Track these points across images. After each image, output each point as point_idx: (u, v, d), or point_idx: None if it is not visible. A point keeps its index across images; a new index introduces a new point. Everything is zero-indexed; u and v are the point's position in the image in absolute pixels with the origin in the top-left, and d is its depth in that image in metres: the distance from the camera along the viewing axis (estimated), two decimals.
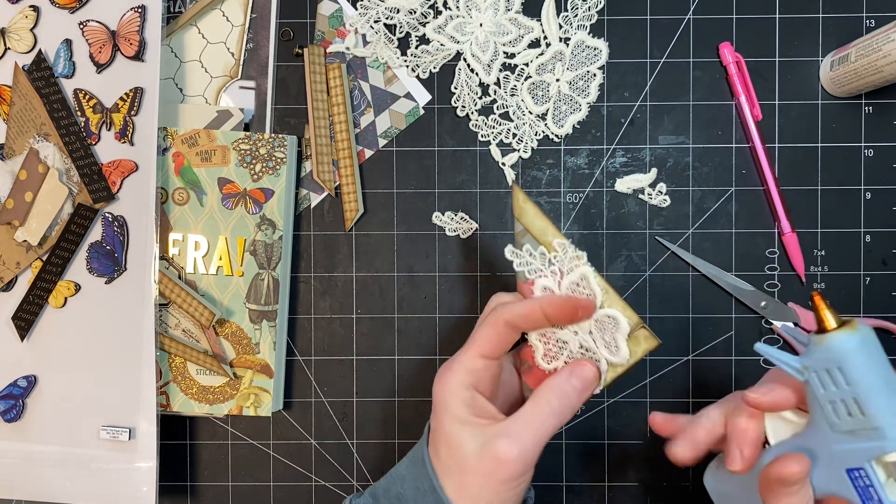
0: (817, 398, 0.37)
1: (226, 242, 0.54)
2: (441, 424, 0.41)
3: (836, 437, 0.36)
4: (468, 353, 0.42)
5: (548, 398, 0.40)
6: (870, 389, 0.34)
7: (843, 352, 0.35)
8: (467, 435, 0.40)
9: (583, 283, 0.43)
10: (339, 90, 0.55)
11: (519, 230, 0.44)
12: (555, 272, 0.43)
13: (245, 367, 0.54)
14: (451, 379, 0.41)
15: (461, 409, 0.40)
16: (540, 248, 0.44)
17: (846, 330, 0.36)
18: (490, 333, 0.41)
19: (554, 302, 0.41)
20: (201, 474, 0.57)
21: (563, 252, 0.43)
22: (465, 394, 0.41)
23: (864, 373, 0.35)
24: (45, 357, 0.54)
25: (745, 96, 0.54)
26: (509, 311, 0.41)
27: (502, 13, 0.54)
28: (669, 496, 0.56)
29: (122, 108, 0.53)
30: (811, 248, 0.55)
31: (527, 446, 0.39)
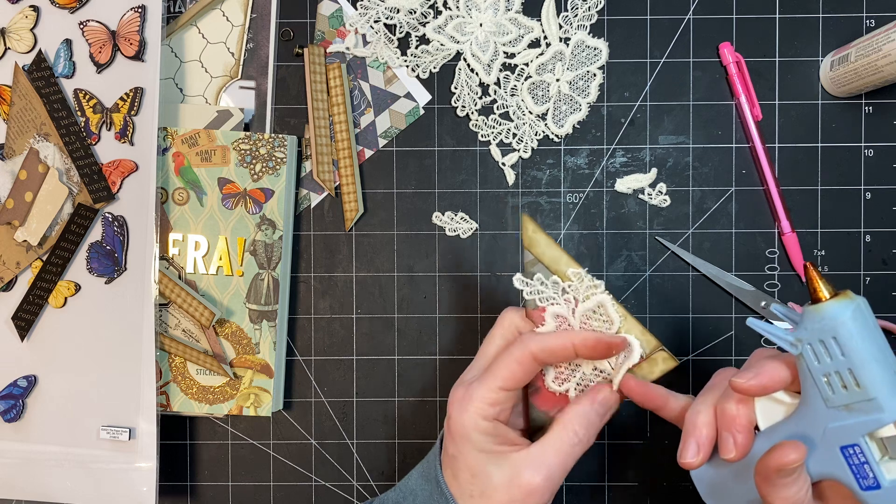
0: (811, 372, 0.36)
1: (226, 242, 0.54)
2: (463, 453, 0.41)
3: (830, 413, 0.35)
4: (490, 383, 0.41)
5: (574, 428, 0.40)
6: (866, 359, 0.34)
7: (839, 321, 0.34)
8: (493, 465, 0.40)
9: (599, 310, 0.42)
10: (339, 90, 0.55)
11: (529, 259, 0.44)
12: (568, 300, 0.43)
13: (245, 367, 0.54)
14: (473, 409, 0.40)
15: (485, 440, 0.40)
16: (553, 276, 0.43)
17: (841, 299, 0.35)
18: (515, 367, 0.40)
19: (588, 342, 0.40)
20: (201, 474, 0.57)
21: (578, 281, 0.43)
22: (488, 425, 0.40)
23: (859, 342, 0.34)
24: (45, 357, 0.54)
25: (745, 96, 0.54)
26: (538, 345, 0.40)
27: (502, 13, 0.54)
28: (669, 496, 0.56)
29: (122, 108, 0.53)
30: (811, 248, 0.55)
31: (554, 475, 0.39)
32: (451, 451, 0.42)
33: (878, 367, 0.34)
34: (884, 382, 0.33)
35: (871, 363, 0.34)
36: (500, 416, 0.41)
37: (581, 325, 0.43)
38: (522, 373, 0.40)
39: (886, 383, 0.33)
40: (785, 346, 0.36)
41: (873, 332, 0.34)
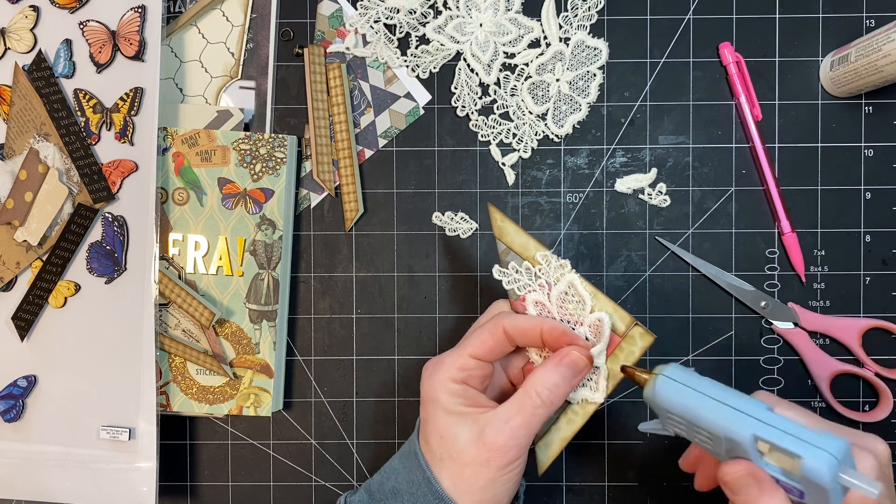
0: (691, 440, 0.39)
1: (226, 242, 0.54)
2: (432, 417, 0.42)
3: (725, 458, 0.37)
4: (460, 350, 0.42)
5: (536, 389, 0.41)
6: (696, 415, 0.37)
7: (656, 401, 0.38)
8: (460, 425, 0.41)
9: (571, 291, 0.43)
10: (339, 90, 0.55)
11: (502, 249, 0.45)
12: (542, 285, 0.44)
13: (245, 367, 0.54)
14: (441, 373, 0.42)
15: (451, 400, 0.41)
16: (525, 263, 0.44)
17: (648, 380, 0.39)
18: (486, 336, 0.42)
19: (555, 331, 0.42)
20: (201, 474, 0.57)
21: (546, 263, 0.44)
22: (456, 387, 0.41)
23: (680, 406, 0.37)
24: (45, 357, 0.54)
25: (745, 96, 0.54)
26: (510, 320, 0.42)
27: (502, 13, 0.54)
28: (669, 496, 0.56)
29: (122, 108, 0.53)
30: (811, 248, 0.55)
31: (517, 433, 0.40)
32: (423, 416, 0.43)
33: (708, 414, 0.36)
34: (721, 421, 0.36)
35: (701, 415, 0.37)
36: (469, 381, 0.42)
37: (559, 309, 0.44)
38: (493, 343, 0.42)
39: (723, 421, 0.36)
40: (662, 433, 0.41)
41: (687, 389, 0.37)
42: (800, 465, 0.34)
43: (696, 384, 0.37)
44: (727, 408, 0.36)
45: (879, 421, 0.54)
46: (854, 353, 0.54)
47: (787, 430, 0.35)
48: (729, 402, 0.36)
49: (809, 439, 0.34)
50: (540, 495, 0.56)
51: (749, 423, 0.35)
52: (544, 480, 0.56)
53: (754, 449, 0.35)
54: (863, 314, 0.55)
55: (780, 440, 0.34)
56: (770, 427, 0.35)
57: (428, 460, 0.42)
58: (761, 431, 0.35)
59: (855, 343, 0.54)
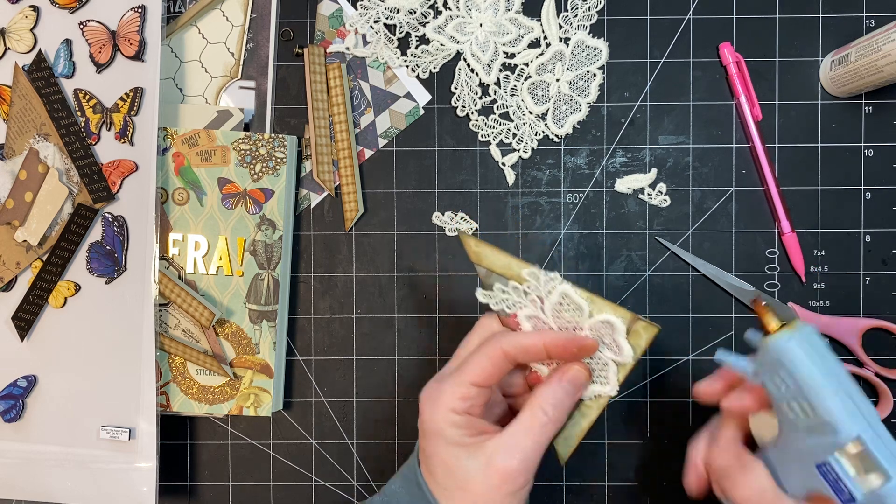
0: (775, 400, 0.38)
1: (226, 242, 0.54)
2: (436, 450, 0.40)
3: (800, 435, 0.37)
4: (460, 378, 0.40)
5: (543, 407, 0.40)
6: (813, 387, 0.35)
7: (783, 353, 0.36)
8: (466, 456, 0.40)
9: (566, 301, 0.42)
10: (339, 90, 0.55)
11: (483, 273, 0.44)
12: (534, 300, 0.43)
13: (245, 367, 0.54)
14: (443, 404, 0.40)
15: (457, 433, 0.40)
16: (511, 282, 0.43)
17: (784, 331, 0.37)
18: (485, 363, 0.40)
19: (558, 341, 0.41)
20: (201, 474, 0.57)
21: (534, 280, 0.43)
22: (458, 418, 0.40)
23: (804, 371, 0.36)
24: (45, 357, 0.54)
25: (745, 96, 0.54)
26: (510, 342, 0.41)
27: (502, 13, 0.54)
28: (669, 496, 0.56)
29: (122, 108, 0.53)
30: (811, 248, 0.55)
31: (528, 455, 0.39)
32: (425, 449, 0.42)
33: (827, 393, 0.35)
34: (835, 407, 0.35)
35: (819, 389, 0.35)
36: (472, 410, 0.41)
37: (555, 319, 0.43)
38: (493, 369, 0.40)
39: (837, 408, 0.35)
40: (748, 377, 0.39)
41: (821, 358, 0.36)
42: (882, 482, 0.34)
43: (829, 358, 0.36)
44: (850, 399, 0.35)
45: None
46: (854, 353, 0.54)
47: (889, 447, 0.35)
48: (851, 393, 0.36)
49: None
50: (540, 495, 0.56)
51: (860, 421, 0.35)
52: (544, 480, 0.56)
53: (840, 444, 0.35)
54: (863, 314, 0.55)
55: (881, 455, 0.34)
56: (878, 438, 0.35)
57: (434, 492, 0.41)
58: (867, 435, 0.35)
59: (855, 343, 0.54)
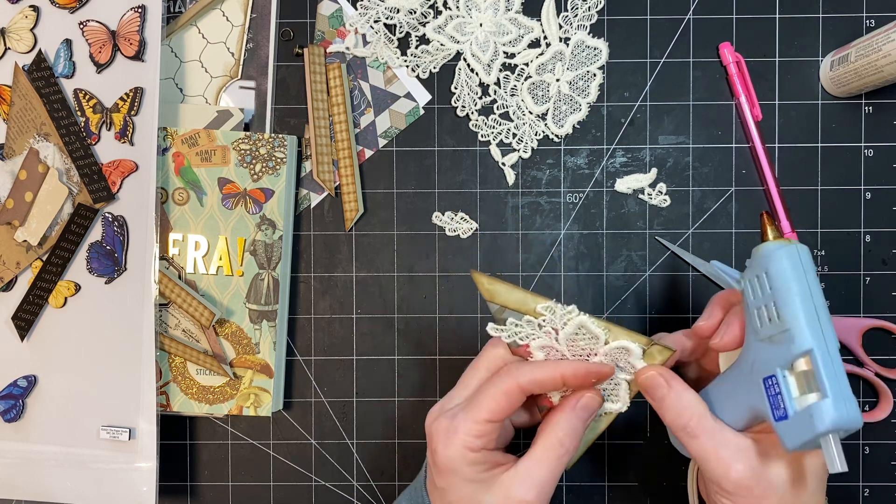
0: (748, 306, 0.39)
1: (226, 242, 0.54)
2: (452, 486, 0.40)
3: (758, 346, 0.38)
4: (475, 415, 0.40)
5: (558, 437, 0.40)
6: (787, 292, 0.36)
7: (770, 256, 0.37)
8: (483, 492, 0.39)
9: (581, 332, 0.42)
10: (339, 90, 0.55)
11: (496, 309, 0.43)
12: (548, 332, 0.42)
13: (245, 367, 0.54)
14: (458, 443, 0.40)
15: (473, 470, 0.40)
16: (525, 316, 0.42)
17: (779, 240, 0.38)
18: (501, 398, 0.40)
19: (577, 372, 0.40)
20: (201, 474, 0.57)
21: (550, 314, 0.42)
22: (475, 456, 0.40)
23: (784, 277, 0.37)
24: (45, 357, 0.54)
25: (745, 96, 0.54)
26: (525, 375, 0.40)
27: (502, 13, 0.54)
28: (669, 496, 0.56)
29: (122, 108, 0.53)
30: (811, 248, 0.55)
31: (545, 487, 0.39)
32: (438, 483, 0.41)
33: (797, 301, 0.36)
34: (800, 315, 0.36)
35: (791, 296, 0.36)
36: (487, 445, 0.40)
37: (569, 348, 0.42)
38: (508, 404, 0.40)
39: (802, 316, 0.36)
40: (732, 282, 0.40)
41: (803, 273, 0.37)
42: (816, 400, 0.35)
43: (811, 276, 0.37)
44: (815, 315, 0.36)
45: (879, 421, 0.54)
46: (854, 353, 0.54)
47: (837, 371, 0.35)
48: (820, 312, 0.36)
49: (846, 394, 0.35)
50: None
51: (819, 340, 0.36)
52: None
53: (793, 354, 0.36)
54: (863, 314, 0.55)
55: (826, 372, 0.35)
56: (829, 358, 0.35)
57: None
58: (819, 353, 0.35)
59: (855, 343, 0.54)
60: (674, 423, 0.39)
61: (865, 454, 0.55)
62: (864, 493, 0.55)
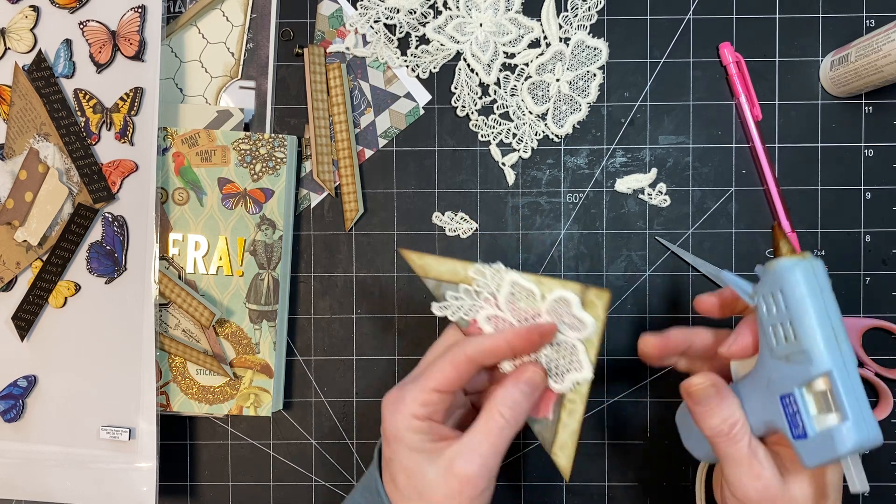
0: (762, 323, 0.38)
1: (226, 242, 0.54)
2: (397, 455, 0.40)
3: (774, 364, 0.38)
4: (422, 385, 0.40)
5: (500, 410, 0.40)
6: (803, 312, 0.36)
7: (785, 274, 0.37)
8: (426, 462, 0.40)
9: (516, 289, 0.42)
10: (339, 90, 0.55)
11: (432, 285, 0.44)
12: (487, 298, 0.43)
13: (245, 367, 0.54)
14: (404, 410, 0.40)
15: (418, 438, 0.40)
16: (461, 286, 0.43)
17: (793, 256, 0.38)
18: (448, 368, 0.40)
19: (521, 334, 0.41)
20: (201, 474, 0.57)
21: (482, 277, 0.43)
22: (420, 424, 0.40)
23: (800, 295, 0.36)
24: (45, 357, 0.54)
25: (745, 96, 0.54)
26: (472, 346, 0.41)
27: (502, 13, 0.54)
28: (669, 496, 0.56)
29: (122, 108, 0.53)
30: (811, 248, 0.55)
31: (487, 460, 0.39)
32: (386, 454, 0.42)
33: (814, 322, 0.36)
34: (817, 336, 0.36)
35: (808, 317, 0.36)
36: (434, 416, 0.41)
37: (512, 313, 0.43)
38: (456, 374, 0.40)
39: (819, 338, 0.36)
40: (744, 296, 0.39)
41: (819, 291, 0.37)
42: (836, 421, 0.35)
43: (827, 294, 0.37)
44: (833, 335, 0.36)
45: (879, 421, 0.54)
46: (854, 353, 0.54)
47: (856, 391, 0.35)
48: (837, 331, 0.36)
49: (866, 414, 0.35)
50: (540, 495, 0.56)
51: (838, 360, 0.35)
52: (544, 480, 0.56)
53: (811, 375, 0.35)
54: (863, 314, 0.55)
55: (846, 394, 0.35)
56: (849, 379, 0.35)
57: (393, 499, 0.41)
58: (839, 375, 0.35)
59: (855, 343, 0.54)
60: (718, 427, 0.39)
61: (865, 454, 0.55)
62: (864, 493, 0.55)
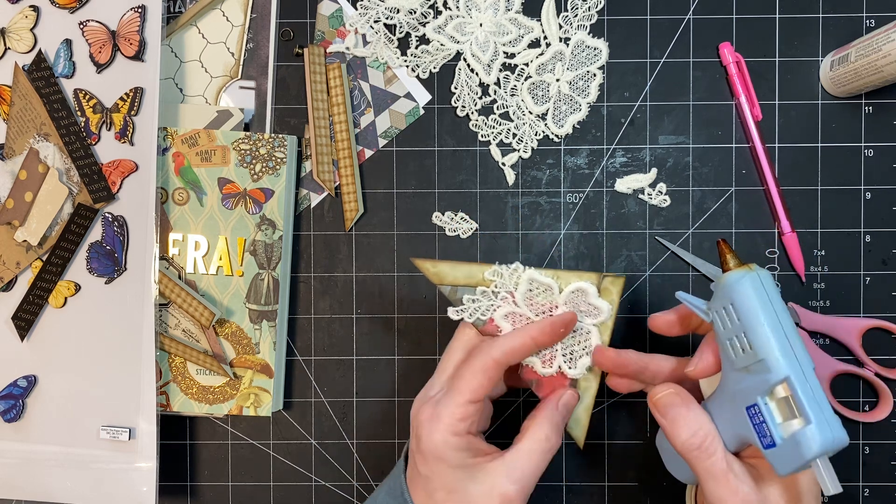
0: (720, 337, 0.39)
1: (226, 242, 0.54)
2: (437, 473, 0.40)
3: (736, 376, 0.38)
4: (457, 398, 0.41)
5: (546, 432, 0.41)
6: (755, 322, 0.36)
7: (734, 287, 0.37)
8: (468, 480, 0.40)
9: (534, 285, 0.43)
10: (339, 90, 0.55)
11: (448, 290, 0.45)
12: (504, 297, 0.44)
13: (245, 367, 0.54)
14: (443, 428, 0.40)
15: (459, 456, 0.40)
16: (478, 289, 0.44)
17: (740, 269, 0.38)
18: (481, 377, 0.41)
19: (545, 328, 0.42)
20: (201, 474, 0.57)
21: (498, 278, 0.44)
22: (460, 441, 0.40)
23: (750, 307, 0.37)
24: (45, 357, 0.54)
25: (745, 96, 0.54)
26: (498, 349, 0.41)
27: (502, 13, 0.54)
28: (669, 496, 0.56)
29: (122, 108, 0.53)
30: (811, 248, 0.55)
31: (528, 482, 0.40)
32: (423, 471, 0.41)
33: (767, 330, 0.36)
34: (772, 344, 0.36)
35: (760, 326, 0.36)
36: (471, 428, 0.41)
37: (529, 308, 0.44)
38: (487, 380, 0.41)
39: (774, 345, 0.36)
40: (700, 314, 0.40)
41: (766, 299, 0.37)
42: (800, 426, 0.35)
43: (776, 302, 0.37)
44: (787, 341, 0.36)
45: (879, 421, 0.54)
46: (854, 353, 0.54)
47: (816, 395, 0.35)
48: (791, 337, 0.36)
49: (828, 416, 0.35)
50: (540, 495, 0.56)
51: (794, 366, 0.36)
52: (544, 480, 0.56)
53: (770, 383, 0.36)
54: (863, 314, 0.55)
55: (806, 398, 0.35)
56: (807, 382, 0.36)
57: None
58: (797, 379, 0.35)
59: (855, 343, 0.54)
60: (689, 441, 0.39)
61: (865, 454, 0.55)
62: (864, 493, 0.55)
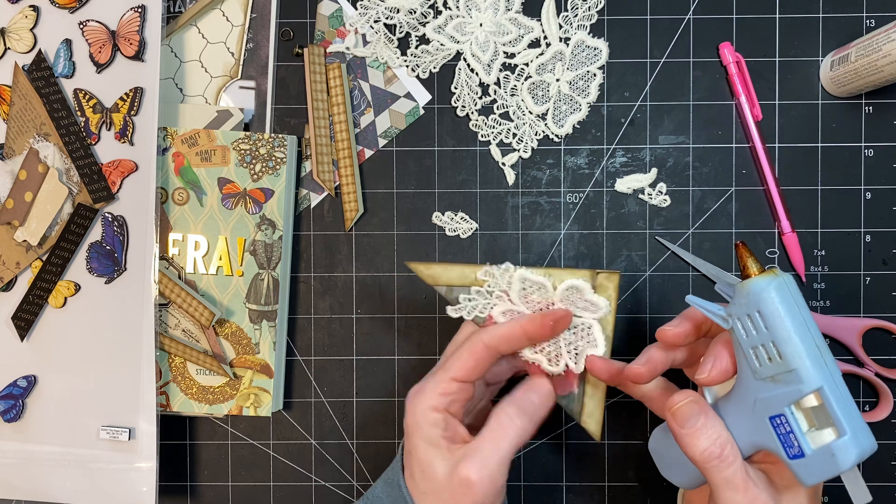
0: (741, 345, 0.38)
1: (226, 242, 0.54)
2: (414, 447, 0.41)
3: (759, 385, 0.37)
4: (441, 375, 0.41)
5: (509, 416, 0.41)
6: (786, 332, 0.36)
7: (761, 295, 0.36)
8: (438, 458, 0.40)
9: (527, 284, 0.44)
10: (339, 90, 0.55)
11: (444, 291, 0.45)
12: (499, 295, 0.44)
13: (245, 367, 0.54)
14: (423, 401, 0.41)
15: (433, 431, 0.40)
16: (472, 288, 0.45)
17: (766, 275, 0.37)
18: (466, 357, 0.41)
19: (535, 320, 0.42)
20: (201, 474, 0.57)
21: (492, 278, 0.44)
22: (437, 416, 0.40)
23: (780, 315, 0.36)
24: (45, 357, 0.54)
25: (745, 96, 0.54)
26: (489, 333, 0.42)
27: (502, 13, 0.54)
28: (669, 496, 0.56)
29: (122, 108, 0.53)
30: (811, 248, 0.55)
31: (492, 467, 0.39)
32: (407, 446, 0.42)
33: (798, 340, 0.35)
34: (803, 354, 0.35)
35: (791, 336, 0.35)
36: (451, 407, 0.41)
37: (526, 305, 0.44)
38: (474, 362, 0.41)
39: (806, 355, 0.35)
40: (718, 321, 0.39)
41: (796, 307, 0.36)
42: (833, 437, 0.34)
43: (804, 309, 0.36)
44: (817, 350, 0.36)
45: (879, 421, 0.54)
46: (854, 353, 0.54)
47: (848, 403, 0.35)
48: (820, 345, 0.36)
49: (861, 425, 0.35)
50: (540, 495, 0.56)
51: (826, 375, 0.35)
52: (544, 480, 0.56)
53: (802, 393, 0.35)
54: (863, 314, 0.55)
55: (840, 409, 0.34)
56: (839, 392, 0.35)
57: (413, 494, 0.41)
58: (830, 389, 0.35)
59: (855, 343, 0.54)
60: (708, 451, 0.37)
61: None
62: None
